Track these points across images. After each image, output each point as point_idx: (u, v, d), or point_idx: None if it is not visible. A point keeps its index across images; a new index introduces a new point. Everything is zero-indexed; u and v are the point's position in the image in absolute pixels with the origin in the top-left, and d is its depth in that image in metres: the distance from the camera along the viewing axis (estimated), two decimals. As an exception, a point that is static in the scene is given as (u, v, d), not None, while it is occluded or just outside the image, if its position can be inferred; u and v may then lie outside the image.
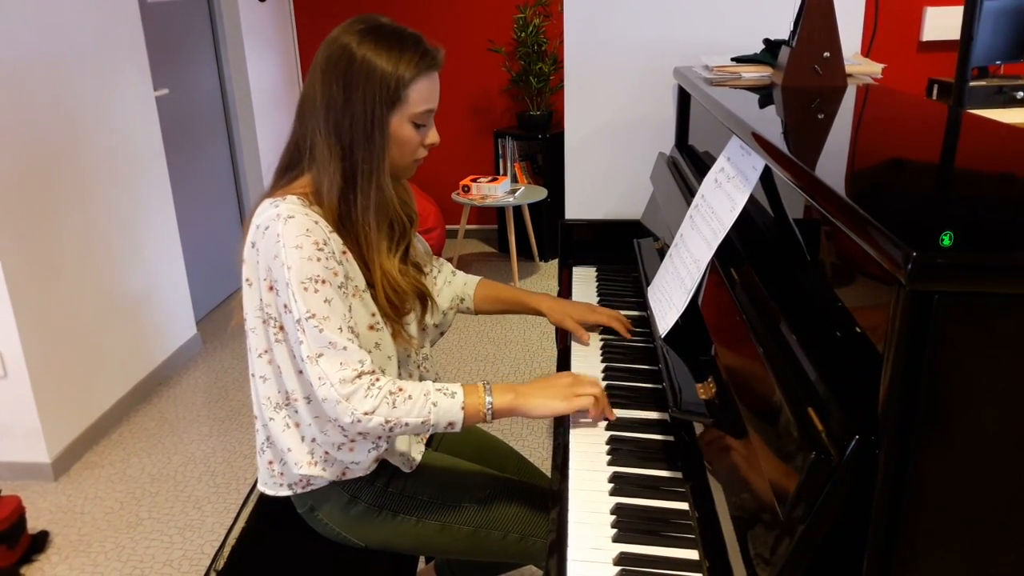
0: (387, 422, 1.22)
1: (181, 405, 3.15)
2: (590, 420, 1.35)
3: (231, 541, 1.38)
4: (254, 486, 1.47)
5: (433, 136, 1.35)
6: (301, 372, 1.26)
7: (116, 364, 3.03)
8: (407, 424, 1.23)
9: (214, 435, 2.93)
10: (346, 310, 1.24)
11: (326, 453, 1.32)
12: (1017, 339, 0.67)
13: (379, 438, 1.30)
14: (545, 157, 4.61)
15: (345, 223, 1.29)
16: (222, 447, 2.84)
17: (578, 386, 1.32)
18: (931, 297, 0.66)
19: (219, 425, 2.99)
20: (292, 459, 1.32)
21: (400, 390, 1.23)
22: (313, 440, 1.32)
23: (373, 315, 1.31)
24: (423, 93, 1.28)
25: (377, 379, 1.23)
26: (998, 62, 3.98)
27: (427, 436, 1.53)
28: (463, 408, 1.26)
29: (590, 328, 1.65)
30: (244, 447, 2.84)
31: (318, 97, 1.26)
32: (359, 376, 1.21)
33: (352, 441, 1.29)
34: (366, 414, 1.20)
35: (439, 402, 1.24)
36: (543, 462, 2.63)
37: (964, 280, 0.65)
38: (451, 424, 1.26)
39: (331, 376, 1.20)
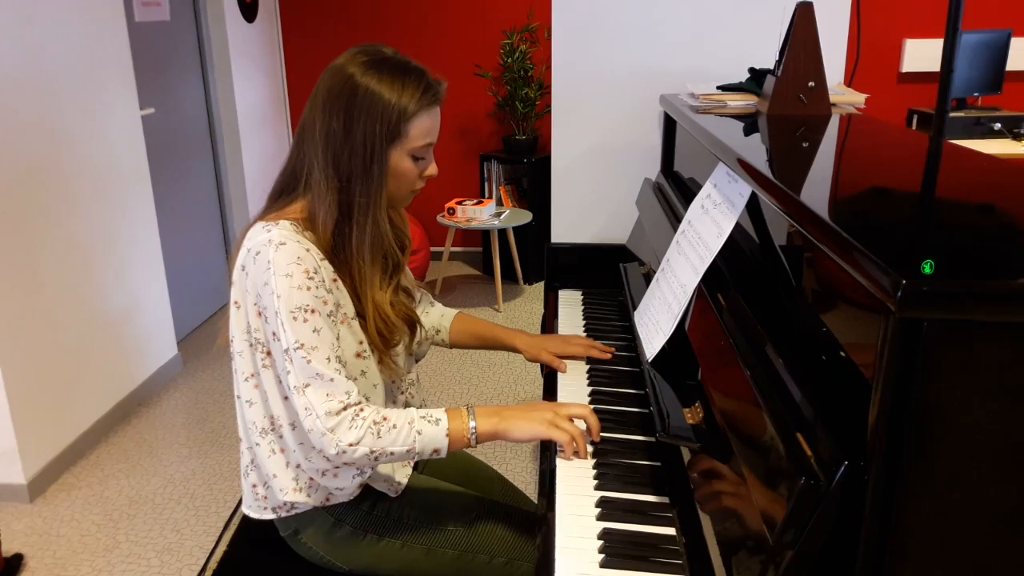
0: (372, 452, 1.21)
1: (161, 426, 3.11)
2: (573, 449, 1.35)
3: (212, 565, 1.35)
4: (235, 509, 1.45)
5: (432, 168, 1.34)
6: (287, 398, 1.26)
7: (95, 384, 3.00)
8: (392, 453, 1.22)
9: (194, 457, 2.89)
10: (335, 339, 1.24)
11: (310, 480, 1.31)
12: (1005, 366, 0.67)
13: (364, 467, 1.30)
14: (530, 181, 4.63)
15: (339, 255, 1.28)
16: (202, 469, 2.81)
17: (560, 418, 1.30)
18: (920, 324, 0.66)
19: (199, 447, 2.96)
20: (277, 485, 1.31)
21: (384, 419, 1.22)
22: (298, 466, 1.31)
23: (361, 343, 1.30)
24: (424, 127, 1.27)
25: (361, 409, 1.22)
26: (976, 94, 4.07)
27: (413, 460, 1.52)
28: (447, 435, 1.25)
29: (569, 359, 1.62)
30: (225, 469, 2.80)
31: (318, 126, 1.25)
32: (345, 408, 1.21)
33: (337, 468, 1.29)
34: (351, 445, 1.20)
35: (424, 430, 1.24)
36: (528, 486, 2.62)
37: (953, 308, 0.66)
38: (436, 451, 1.25)
39: (317, 408, 1.19)
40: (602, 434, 1.38)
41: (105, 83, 3.03)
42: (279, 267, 1.20)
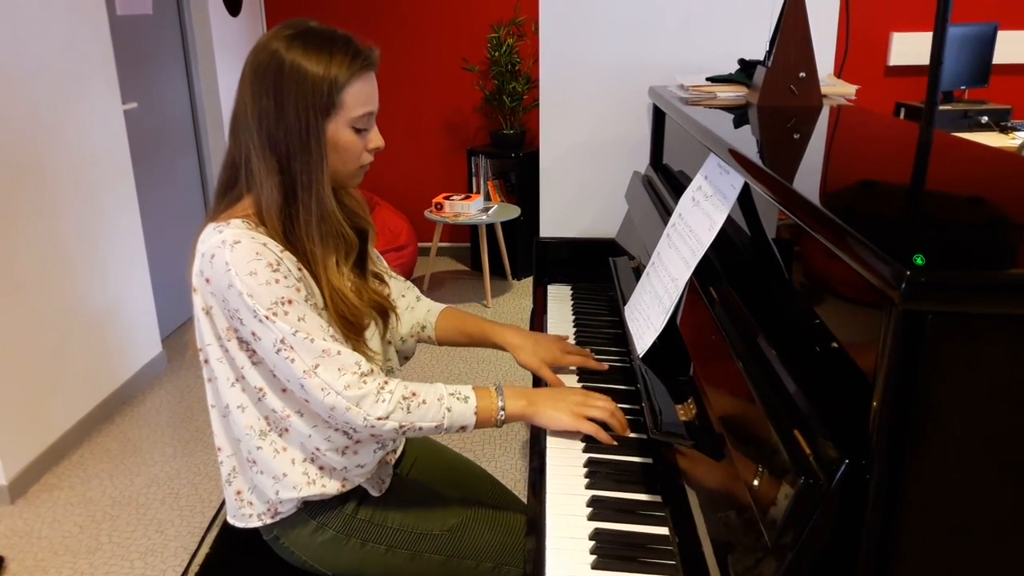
0: (401, 427, 1.21)
1: (145, 425, 3.07)
2: (570, 435, 1.33)
3: (194, 568, 1.32)
4: (218, 511, 1.42)
5: (376, 139, 1.29)
6: (285, 390, 1.23)
7: (78, 383, 2.95)
8: (420, 428, 1.23)
9: (179, 456, 2.85)
10: (321, 320, 1.21)
11: (320, 469, 1.27)
12: (1012, 360, 0.65)
13: (391, 439, 1.29)
14: (518, 175, 4.60)
15: (291, 240, 1.23)
16: (187, 469, 2.77)
17: (587, 407, 1.31)
18: (924, 317, 0.64)
19: (184, 446, 2.92)
20: (289, 483, 1.26)
21: (413, 395, 1.23)
22: (306, 460, 1.26)
23: (334, 337, 1.26)
24: (359, 96, 1.23)
25: (385, 383, 1.22)
26: (963, 87, 4.07)
27: (396, 457, 1.49)
28: (476, 413, 1.26)
29: (559, 371, 1.54)
30: (210, 469, 2.76)
31: (249, 110, 1.21)
32: (362, 379, 1.19)
33: (357, 443, 1.27)
34: (380, 419, 1.20)
35: (453, 407, 1.25)
36: (517, 483, 2.59)
37: (958, 300, 0.63)
38: (463, 428, 1.26)
39: (334, 385, 1.18)
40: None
41: (86, 77, 2.98)
42: (240, 267, 1.16)
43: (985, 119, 3.95)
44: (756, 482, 0.85)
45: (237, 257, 1.16)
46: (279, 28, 1.24)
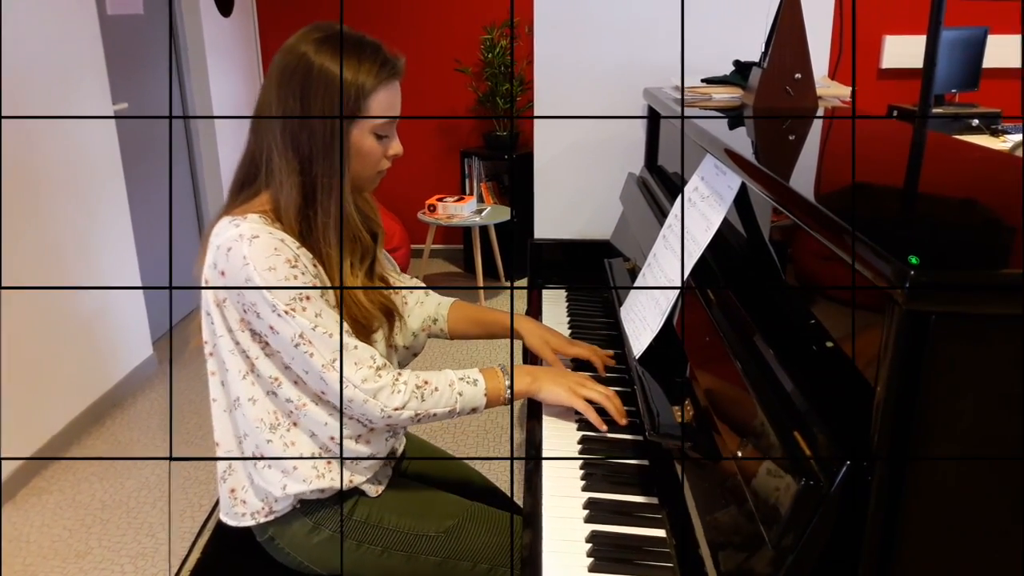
0: (416, 415, 1.25)
1: (135, 428, 3.05)
2: (567, 416, 1.38)
3: (185, 572, 1.31)
4: (210, 514, 1.40)
5: (396, 147, 1.31)
6: (296, 382, 1.23)
7: (68, 385, 2.92)
8: (435, 415, 1.27)
9: (169, 459, 2.83)
10: (336, 315, 1.22)
11: (329, 463, 1.28)
12: (1015, 361, 0.65)
13: (404, 427, 1.33)
14: (511, 177, 4.60)
15: (307, 241, 1.24)
16: (178, 472, 2.75)
17: (585, 388, 1.35)
18: (928, 317, 0.63)
19: (175, 449, 2.89)
20: (299, 476, 1.27)
21: (426, 383, 1.26)
22: (327, 443, 1.26)
23: (348, 331, 1.26)
24: (384, 103, 1.24)
25: (400, 374, 1.25)
26: (953, 90, 4.08)
27: (394, 460, 1.48)
28: (485, 394, 1.31)
29: (565, 361, 1.58)
30: (200, 472, 2.74)
31: (274, 109, 1.22)
32: (377, 372, 1.22)
33: (370, 431, 1.29)
34: (396, 409, 1.23)
35: (464, 391, 1.29)
36: (513, 486, 2.58)
37: (962, 300, 0.63)
38: (474, 410, 1.30)
39: (352, 378, 1.20)
40: (589, 433, 1.35)
41: (76, 77, 2.96)
42: (259, 262, 1.16)
43: (975, 122, 3.97)
44: (755, 483, 0.84)
45: (255, 252, 1.17)
46: (308, 30, 1.24)
